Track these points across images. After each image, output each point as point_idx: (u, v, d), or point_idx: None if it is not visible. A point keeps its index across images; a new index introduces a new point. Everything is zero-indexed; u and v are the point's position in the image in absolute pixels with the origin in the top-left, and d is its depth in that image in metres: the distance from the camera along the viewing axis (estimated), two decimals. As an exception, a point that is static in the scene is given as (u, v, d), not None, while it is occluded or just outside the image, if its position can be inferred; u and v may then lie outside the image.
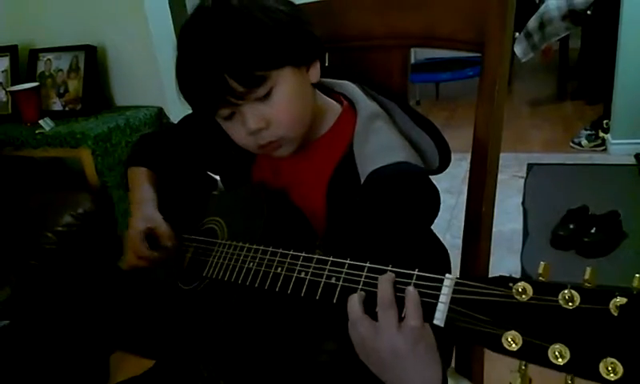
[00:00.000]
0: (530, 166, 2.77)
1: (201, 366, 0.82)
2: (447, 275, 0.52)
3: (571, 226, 2.09)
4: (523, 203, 2.43)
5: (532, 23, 3.30)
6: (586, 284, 0.44)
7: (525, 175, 2.69)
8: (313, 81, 0.77)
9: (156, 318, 0.90)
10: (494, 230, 0.84)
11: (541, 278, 0.47)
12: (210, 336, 0.78)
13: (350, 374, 0.66)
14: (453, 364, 0.86)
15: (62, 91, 1.95)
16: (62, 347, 1.54)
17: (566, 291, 0.44)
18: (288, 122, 0.73)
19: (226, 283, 0.71)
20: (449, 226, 1.90)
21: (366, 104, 0.78)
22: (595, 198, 2.26)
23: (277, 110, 0.71)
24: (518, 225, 2.27)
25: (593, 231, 2.03)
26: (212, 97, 0.70)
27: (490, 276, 0.51)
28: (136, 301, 0.92)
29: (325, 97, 0.81)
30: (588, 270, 0.45)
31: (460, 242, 0.84)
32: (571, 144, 2.99)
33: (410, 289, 0.54)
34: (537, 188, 2.58)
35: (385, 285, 0.55)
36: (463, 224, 0.84)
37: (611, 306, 0.42)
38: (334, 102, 0.82)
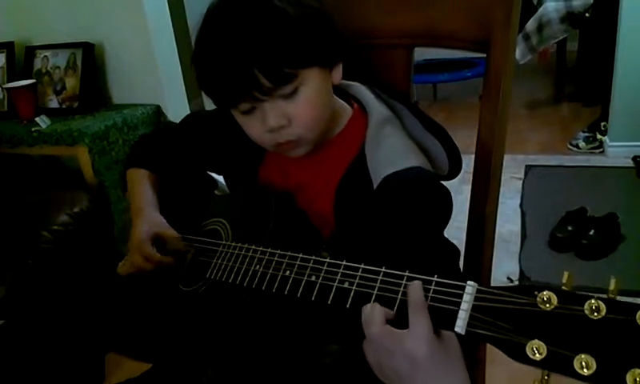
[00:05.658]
0: (527, 168, 2.77)
1: (201, 367, 0.81)
2: (469, 282, 0.52)
3: (569, 228, 2.09)
4: (521, 205, 2.43)
5: (530, 25, 3.30)
6: (610, 295, 0.44)
7: (522, 177, 2.69)
8: (334, 82, 0.76)
9: (154, 318, 0.88)
10: (492, 231, 0.83)
11: (564, 288, 0.47)
12: (212, 337, 0.77)
13: (354, 375, 0.66)
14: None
15: (58, 88, 1.93)
16: (58, 347, 1.53)
17: (592, 301, 0.44)
18: (309, 123, 0.72)
19: (230, 285, 0.70)
20: (447, 226, 1.89)
21: (377, 108, 0.77)
22: (593, 200, 2.26)
23: (300, 109, 0.70)
24: (516, 226, 2.26)
25: (591, 233, 2.03)
26: (237, 90, 0.69)
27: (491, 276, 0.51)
28: (133, 301, 0.91)
29: (338, 99, 0.81)
30: (612, 281, 0.45)
31: (458, 242, 0.83)
32: (569, 146, 2.99)
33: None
34: (535, 190, 2.57)
35: (418, 290, 0.54)
36: (463, 225, 0.83)
37: (638, 317, 0.42)
38: (346, 104, 0.81)
